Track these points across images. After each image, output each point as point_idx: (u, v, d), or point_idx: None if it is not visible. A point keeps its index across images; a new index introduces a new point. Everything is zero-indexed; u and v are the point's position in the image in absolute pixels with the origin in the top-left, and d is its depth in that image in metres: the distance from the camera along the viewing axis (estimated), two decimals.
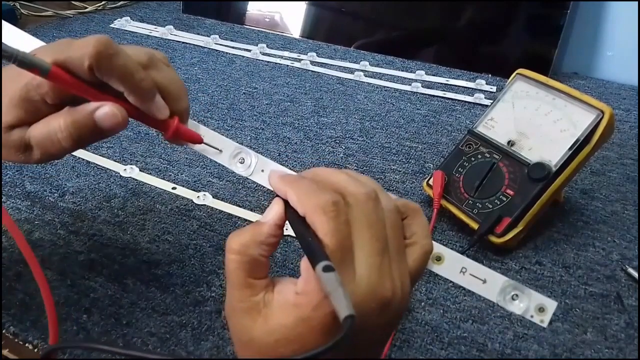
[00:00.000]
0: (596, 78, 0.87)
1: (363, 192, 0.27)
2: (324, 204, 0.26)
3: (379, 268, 0.26)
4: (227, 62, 0.87)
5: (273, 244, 0.28)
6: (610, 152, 0.66)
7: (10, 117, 0.32)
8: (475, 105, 0.76)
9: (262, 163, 0.35)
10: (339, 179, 0.28)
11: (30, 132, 0.32)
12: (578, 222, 0.54)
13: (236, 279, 0.27)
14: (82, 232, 0.51)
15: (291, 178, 0.29)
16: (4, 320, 0.42)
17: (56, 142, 0.32)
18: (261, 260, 0.27)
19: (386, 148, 0.66)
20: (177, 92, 0.34)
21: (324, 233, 0.25)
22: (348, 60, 0.87)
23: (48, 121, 0.32)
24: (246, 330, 0.26)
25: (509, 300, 0.30)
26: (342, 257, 0.25)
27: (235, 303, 0.27)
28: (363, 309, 0.25)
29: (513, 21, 0.84)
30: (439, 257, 0.31)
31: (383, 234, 0.27)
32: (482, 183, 0.51)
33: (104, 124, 0.32)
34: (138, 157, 0.63)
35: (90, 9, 1.05)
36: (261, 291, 0.27)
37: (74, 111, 0.32)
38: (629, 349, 0.42)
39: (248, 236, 0.27)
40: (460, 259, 0.30)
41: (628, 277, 0.48)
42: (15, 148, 0.33)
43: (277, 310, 0.26)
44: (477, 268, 0.30)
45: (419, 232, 0.29)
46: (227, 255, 0.27)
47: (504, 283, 0.30)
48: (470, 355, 0.41)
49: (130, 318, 0.43)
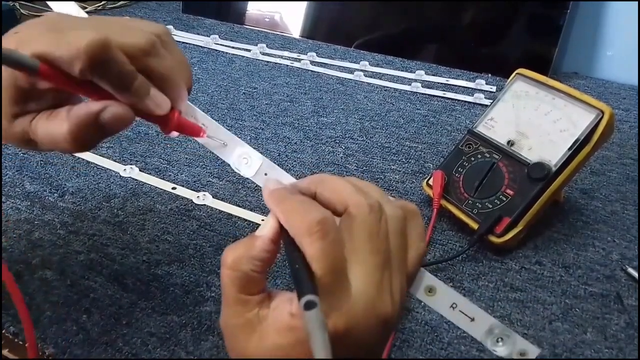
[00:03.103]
0: (596, 78, 0.87)
1: (366, 203, 0.26)
2: (309, 224, 0.24)
3: (378, 283, 0.25)
4: (226, 62, 0.87)
5: (267, 260, 0.27)
6: (610, 152, 0.66)
7: (7, 107, 0.30)
8: (475, 105, 0.76)
9: (268, 166, 0.33)
10: (343, 188, 0.27)
11: (33, 130, 0.31)
12: (578, 222, 0.54)
13: (229, 295, 0.26)
14: (82, 232, 0.51)
15: (280, 195, 0.28)
16: (4, 320, 0.42)
17: (60, 145, 0.31)
18: (254, 276, 0.26)
19: (386, 148, 0.66)
20: (177, 79, 0.32)
21: (310, 257, 0.24)
22: (348, 60, 0.87)
23: (49, 123, 0.31)
24: (240, 346, 0.26)
25: (494, 342, 0.30)
26: (334, 279, 0.24)
27: (229, 319, 0.26)
28: (363, 326, 0.24)
29: (513, 21, 0.84)
30: (431, 289, 0.30)
31: (384, 247, 0.26)
32: (482, 183, 0.51)
33: (110, 125, 0.30)
34: (138, 157, 0.63)
35: (90, 9, 1.04)
36: (255, 307, 0.26)
37: (76, 114, 0.30)
38: (629, 349, 0.42)
39: (241, 251, 0.26)
40: (452, 293, 0.30)
41: (628, 277, 0.48)
42: (20, 140, 0.32)
43: (272, 330, 0.25)
44: (467, 305, 0.30)
45: (415, 235, 0.28)
46: (221, 269, 0.26)
47: (491, 325, 0.30)
48: (470, 355, 0.41)
49: (130, 318, 0.43)
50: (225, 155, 0.34)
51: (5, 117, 0.31)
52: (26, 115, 0.31)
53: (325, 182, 0.28)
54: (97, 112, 0.30)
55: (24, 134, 0.31)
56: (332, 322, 0.24)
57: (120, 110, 0.30)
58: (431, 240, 0.52)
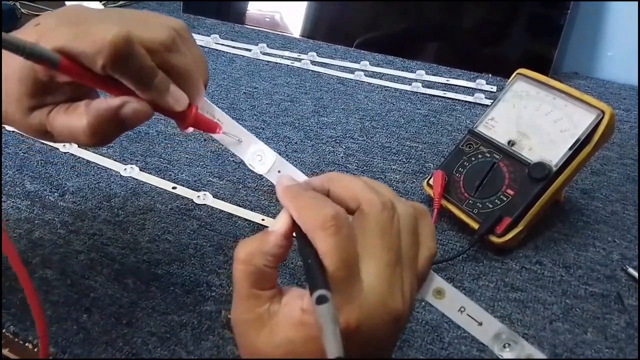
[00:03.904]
0: (596, 78, 0.86)
1: (379, 201, 0.26)
2: (323, 219, 0.25)
3: (390, 279, 0.25)
4: (227, 62, 0.87)
5: (279, 255, 0.27)
6: (610, 152, 0.66)
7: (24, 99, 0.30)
8: (475, 105, 0.76)
9: (281, 164, 0.33)
10: (355, 186, 0.27)
11: (51, 122, 0.31)
12: (578, 222, 0.54)
13: (242, 289, 0.26)
14: (82, 231, 0.51)
15: (294, 191, 0.28)
16: (4, 319, 0.42)
17: (78, 138, 0.31)
18: (267, 271, 0.26)
19: (386, 148, 0.66)
20: (196, 75, 0.32)
21: (323, 252, 0.24)
22: (348, 60, 0.87)
23: (68, 117, 0.31)
24: (251, 341, 0.26)
25: (500, 347, 0.30)
26: (346, 274, 0.24)
27: (240, 314, 0.26)
28: (374, 322, 0.25)
29: (513, 21, 0.84)
30: (440, 292, 0.30)
31: (396, 245, 0.26)
32: (482, 183, 0.51)
33: (129, 120, 0.30)
34: (138, 157, 0.63)
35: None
36: (266, 302, 0.26)
37: (95, 108, 0.30)
38: (629, 349, 0.42)
39: (254, 246, 0.27)
40: (461, 297, 0.30)
41: (628, 277, 0.48)
42: (38, 132, 0.32)
43: (284, 325, 0.25)
44: (476, 309, 0.30)
45: (425, 235, 0.28)
46: (234, 264, 0.27)
47: (499, 329, 0.30)
48: (470, 355, 0.41)
49: (131, 318, 0.43)
50: (239, 151, 0.34)
51: (22, 110, 0.31)
52: (43, 108, 0.31)
53: (338, 180, 0.28)
54: (117, 107, 0.30)
55: (40, 126, 0.31)
56: (344, 317, 0.24)
57: (140, 106, 0.30)
58: None
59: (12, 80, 0.30)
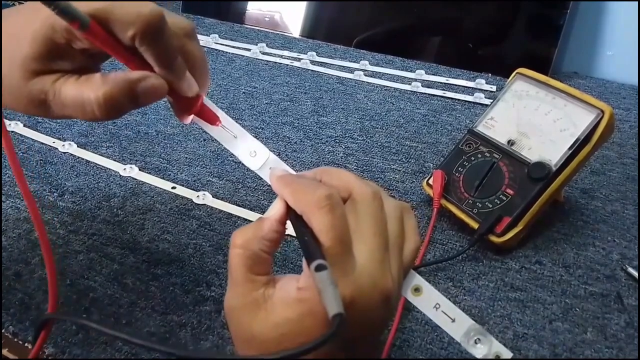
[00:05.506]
0: (596, 77, 0.86)
1: (370, 191, 0.28)
2: (318, 198, 0.26)
3: (381, 261, 0.26)
4: (226, 62, 0.87)
5: (275, 240, 0.28)
6: (610, 151, 0.66)
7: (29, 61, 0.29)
8: (475, 104, 0.76)
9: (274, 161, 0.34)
10: (347, 176, 0.29)
11: (57, 90, 0.30)
12: (578, 221, 0.54)
13: (238, 274, 0.27)
14: (82, 231, 0.51)
15: (288, 178, 0.30)
16: (3, 319, 0.42)
17: (89, 112, 0.30)
18: (263, 255, 0.27)
19: (386, 147, 0.66)
20: (207, 66, 0.34)
21: (319, 230, 0.26)
22: (348, 59, 0.87)
23: (80, 86, 0.29)
24: (246, 326, 0.26)
25: (472, 343, 0.31)
26: (341, 251, 0.26)
27: (236, 299, 0.27)
28: (366, 298, 0.25)
29: (513, 21, 0.84)
30: (417, 289, 0.31)
31: (385, 232, 0.28)
32: (482, 182, 0.51)
33: (145, 95, 0.30)
34: (137, 157, 0.63)
35: None
36: (261, 287, 0.27)
37: (114, 79, 0.29)
38: (629, 348, 0.42)
39: (251, 231, 0.28)
40: (437, 295, 0.31)
41: (628, 277, 0.48)
42: (34, 101, 0.30)
43: (280, 305, 0.26)
44: (449, 306, 0.31)
45: (410, 228, 0.30)
46: (231, 250, 0.28)
47: (470, 326, 0.31)
48: (469, 356, 0.41)
49: (130, 318, 0.43)
50: (233, 147, 0.35)
51: (24, 73, 0.30)
52: (48, 75, 0.30)
53: (330, 171, 0.30)
54: (137, 80, 0.29)
55: (40, 93, 0.30)
56: (340, 290, 0.24)
57: (159, 82, 0.30)
58: (431, 240, 0.52)
59: (22, 39, 0.29)
